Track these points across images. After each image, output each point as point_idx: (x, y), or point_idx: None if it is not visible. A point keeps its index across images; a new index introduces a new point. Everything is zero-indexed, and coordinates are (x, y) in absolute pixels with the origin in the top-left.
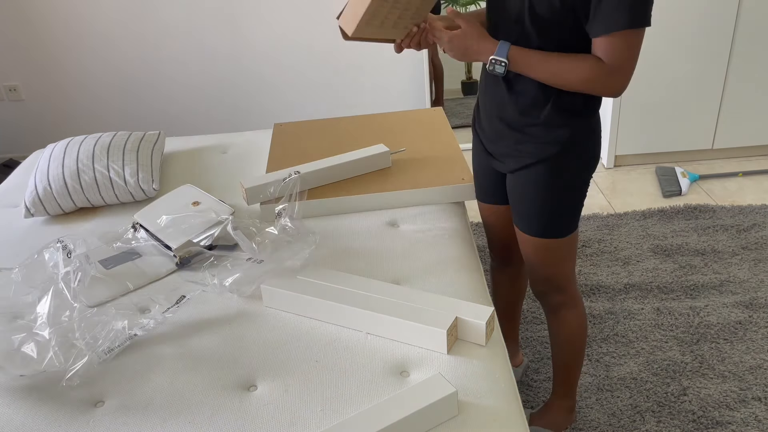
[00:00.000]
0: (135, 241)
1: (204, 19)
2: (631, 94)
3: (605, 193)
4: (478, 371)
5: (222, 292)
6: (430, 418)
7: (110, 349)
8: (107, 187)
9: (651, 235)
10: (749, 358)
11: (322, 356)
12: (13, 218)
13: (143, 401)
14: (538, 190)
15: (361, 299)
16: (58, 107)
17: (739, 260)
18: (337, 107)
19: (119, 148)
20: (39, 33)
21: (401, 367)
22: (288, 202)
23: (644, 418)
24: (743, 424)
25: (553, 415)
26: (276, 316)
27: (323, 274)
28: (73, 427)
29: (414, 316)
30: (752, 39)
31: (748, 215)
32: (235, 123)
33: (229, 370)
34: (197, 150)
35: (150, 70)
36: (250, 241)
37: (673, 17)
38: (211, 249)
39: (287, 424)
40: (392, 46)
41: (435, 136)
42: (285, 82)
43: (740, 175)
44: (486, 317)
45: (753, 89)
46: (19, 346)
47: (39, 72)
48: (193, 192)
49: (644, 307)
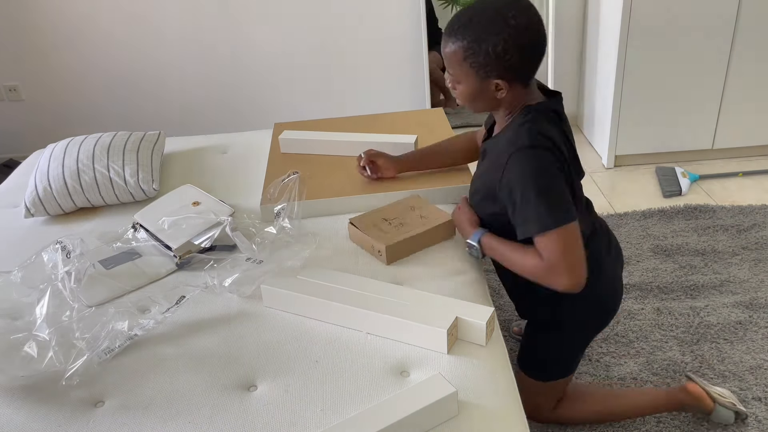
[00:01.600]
0: (135, 242)
1: (204, 19)
2: (631, 94)
3: (605, 193)
4: (478, 371)
5: (222, 292)
6: (430, 418)
7: (110, 349)
8: (107, 187)
9: (651, 235)
10: (749, 358)
11: (322, 356)
12: (13, 218)
13: (143, 401)
14: (530, 328)
15: (361, 299)
16: (58, 107)
17: (739, 260)
18: (338, 107)
19: (119, 148)
20: (39, 33)
21: (401, 367)
22: (288, 202)
23: (644, 418)
24: (743, 424)
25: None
26: (276, 316)
27: (323, 274)
28: (73, 427)
29: (414, 315)
30: (752, 39)
31: (748, 215)
32: (235, 123)
33: (229, 370)
34: (197, 150)
35: (150, 70)
36: (250, 241)
37: (673, 17)
38: (211, 249)
39: (287, 424)
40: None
41: (435, 136)
42: (285, 82)
43: (740, 175)
44: (486, 317)
45: (753, 89)
46: (19, 346)
47: (39, 72)
48: (193, 192)
49: (644, 307)
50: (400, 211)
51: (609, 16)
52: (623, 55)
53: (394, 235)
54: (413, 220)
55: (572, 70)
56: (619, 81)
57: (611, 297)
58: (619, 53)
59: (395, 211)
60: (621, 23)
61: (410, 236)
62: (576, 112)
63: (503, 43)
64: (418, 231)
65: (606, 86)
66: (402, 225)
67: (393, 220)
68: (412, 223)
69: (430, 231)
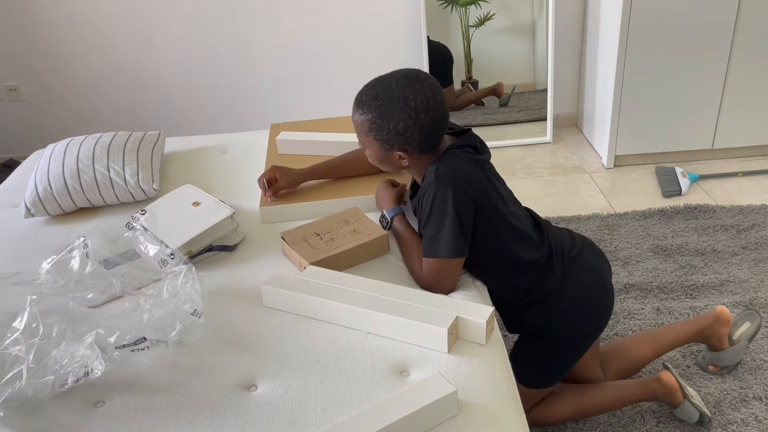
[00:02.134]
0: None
1: (204, 19)
2: (631, 94)
3: (605, 193)
4: (477, 370)
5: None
6: (430, 417)
7: (62, 383)
8: (107, 187)
9: (651, 235)
10: (749, 359)
11: (322, 356)
12: (13, 218)
13: (143, 401)
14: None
15: (361, 299)
16: (58, 107)
17: (739, 260)
18: (337, 107)
19: (119, 148)
20: (39, 33)
21: (401, 367)
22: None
23: (644, 418)
24: (743, 424)
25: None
26: (276, 316)
27: (323, 274)
28: (73, 427)
29: (415, 315)
30: (752, 39)
31: (748, 215)
32: (235, 123)
33: (229, 370)
34: (197, 150)
35: (150, 70)
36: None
37: (673, 17)
38: (210, 250)
39: (287, 424)
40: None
41: None
42: (285, 82)
43: (740, 175)
44: (486, 316)
45: (753, 89)
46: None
47: (39, 72)
48: (193, 192)
49: (644, 307)
50: (334, 225)
51: (609, 16)
52: (623, 55)
53: (321, 251)
54: (345, 236)
55: (572, 70)
56: (619, 81)
57: (583, 304)
58: (619, 53)
59: (328, 225)
60: (621, 23)
61: (336, 253)
62: (576, 112)
63: (403, 122)
64: (345, 248)
65: (606, 86)
66: (332, 240)
67: (324, 234)
68: (342, 238)
69: (359, 247)
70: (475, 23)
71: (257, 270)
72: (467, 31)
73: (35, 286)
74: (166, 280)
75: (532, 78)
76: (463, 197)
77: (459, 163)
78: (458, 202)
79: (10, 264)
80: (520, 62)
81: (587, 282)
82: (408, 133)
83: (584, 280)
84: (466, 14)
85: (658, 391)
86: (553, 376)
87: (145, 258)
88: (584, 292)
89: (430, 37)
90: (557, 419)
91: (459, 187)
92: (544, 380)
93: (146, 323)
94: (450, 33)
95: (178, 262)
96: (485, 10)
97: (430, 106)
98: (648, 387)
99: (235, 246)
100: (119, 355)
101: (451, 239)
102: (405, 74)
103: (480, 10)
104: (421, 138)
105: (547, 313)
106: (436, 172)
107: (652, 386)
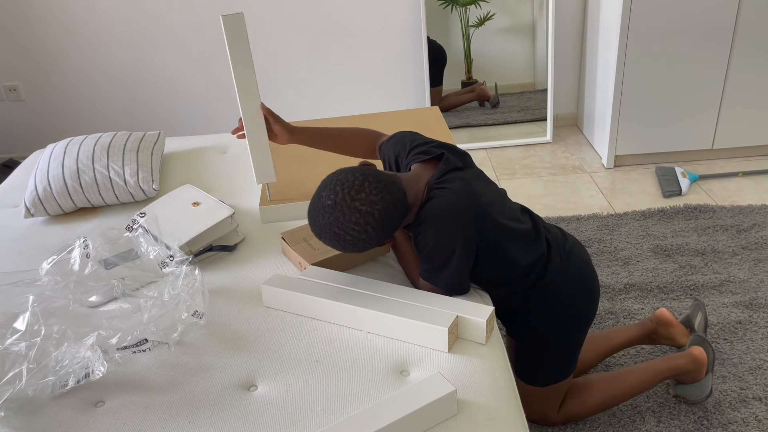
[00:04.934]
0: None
1: (204, 18)
2: (631, 94)
3: (605, 193)
4: (477, 370)
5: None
6: (429, 416)
7: (62, 384)
8: (107, 187)
9: (651, 235)
10: (749, 359)
11: (322, 356)
12: (13, 218)
13: (143, 401)
14: (515, 338)
15: (361, 299)
16: (58, 107)
17: (739, 260)
18: (337, 107)
19: (119, 148)
20: (39, 33)
21: (401, 366)
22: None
23: (644, 418)
24: (743, 424)
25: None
26: (276, 316)
27: (323, 274)
28: (73, 427)
29: (415, 314)
30: (752, 39)
31: (748, 215)
32: (235, 123)
33: (229, 370)
34: (197, 150)
35: (150, 70)
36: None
37: (673, 17)
38: (210, 249)
39: (287, 424)
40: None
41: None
42: (284, 83)
43: (740, 175)
44: (486, 315)
45: (753, 89)
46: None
47: (39, 72)
48: (193, 192)
49: (644, 307)
50: None
51: (609, 16)
52: (623, 55)
53: (321, 251)
54: None
55: (572, 70)
56: (619, 81)
57: (572, 292)
58: (619, 53)
59: None
60: (621, 23)
61: (337, 254)
62: (576, 112)
63: (362, 243)
64: None
65: (606, 86)
66: None
67: None
68: None
69: None
70: (475, 23)
71: (257, 270)
72: (467, 31)
73: (36, 287)
74: (167, 282)
75: (532, 78)
76: (461, 240)
77: (446, 203)
78: (457, 236)
79: (10, 264)
80: (520, 62)
81: (585, 269)
82: (370, 240)
83: (581, 268)
84: (466, 14)
85: (688, 366)
86: (566, 368)
87: (146, 259)
88: (583, 279)
89: (429, 37)
90: (589, 411)
91: (458, 218)
92: (558, 374)
93: (147, 324)
94: (450, 33)
95: (178, 263)
96: (485, 10)
97: (379, 210)
98: (676, 363)
99: (235, 246)
100: (121, 357)
101: (450, 278)
102: (343, 185)
103: (480, 10)
104: (383, 236)
105: (551, 306)
106: (426, 214)
107: (680, 362)
